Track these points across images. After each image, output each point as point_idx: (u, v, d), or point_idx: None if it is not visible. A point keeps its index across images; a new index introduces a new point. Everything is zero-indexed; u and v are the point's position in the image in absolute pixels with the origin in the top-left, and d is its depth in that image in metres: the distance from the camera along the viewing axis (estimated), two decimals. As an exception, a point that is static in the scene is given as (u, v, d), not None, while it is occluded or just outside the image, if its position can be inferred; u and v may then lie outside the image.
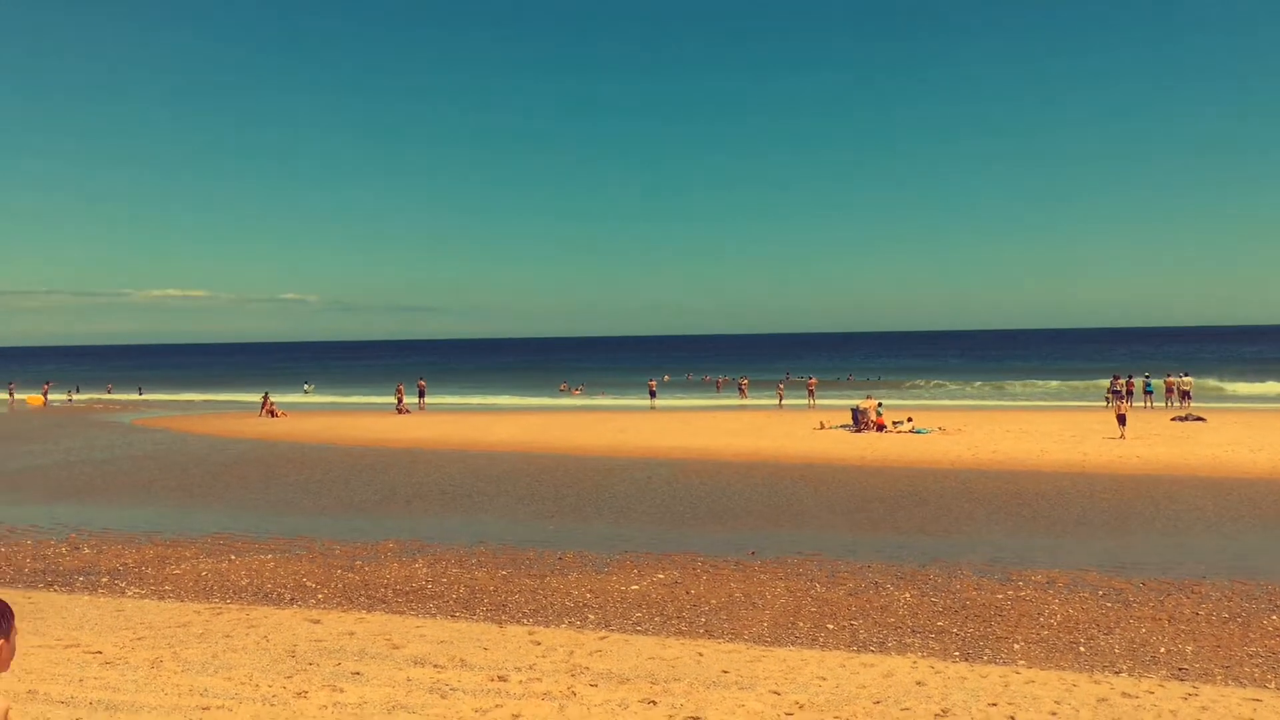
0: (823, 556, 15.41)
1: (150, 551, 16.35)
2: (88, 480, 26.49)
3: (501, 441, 34.95)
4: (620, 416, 46.25)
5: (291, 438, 38.29)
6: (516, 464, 28.77)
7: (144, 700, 7.98)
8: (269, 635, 10.63)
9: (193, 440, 38.60)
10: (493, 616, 11.94)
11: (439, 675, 8.88)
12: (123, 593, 13.49)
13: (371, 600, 12.89)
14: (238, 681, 8.65)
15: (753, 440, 33.21)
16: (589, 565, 14.98)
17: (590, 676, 8.85)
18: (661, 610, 12.11)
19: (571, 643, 10.39)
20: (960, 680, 8.89)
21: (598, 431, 37.77)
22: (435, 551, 16.17)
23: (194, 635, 10.63)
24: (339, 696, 8.13)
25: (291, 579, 14.23)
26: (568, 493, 23.02)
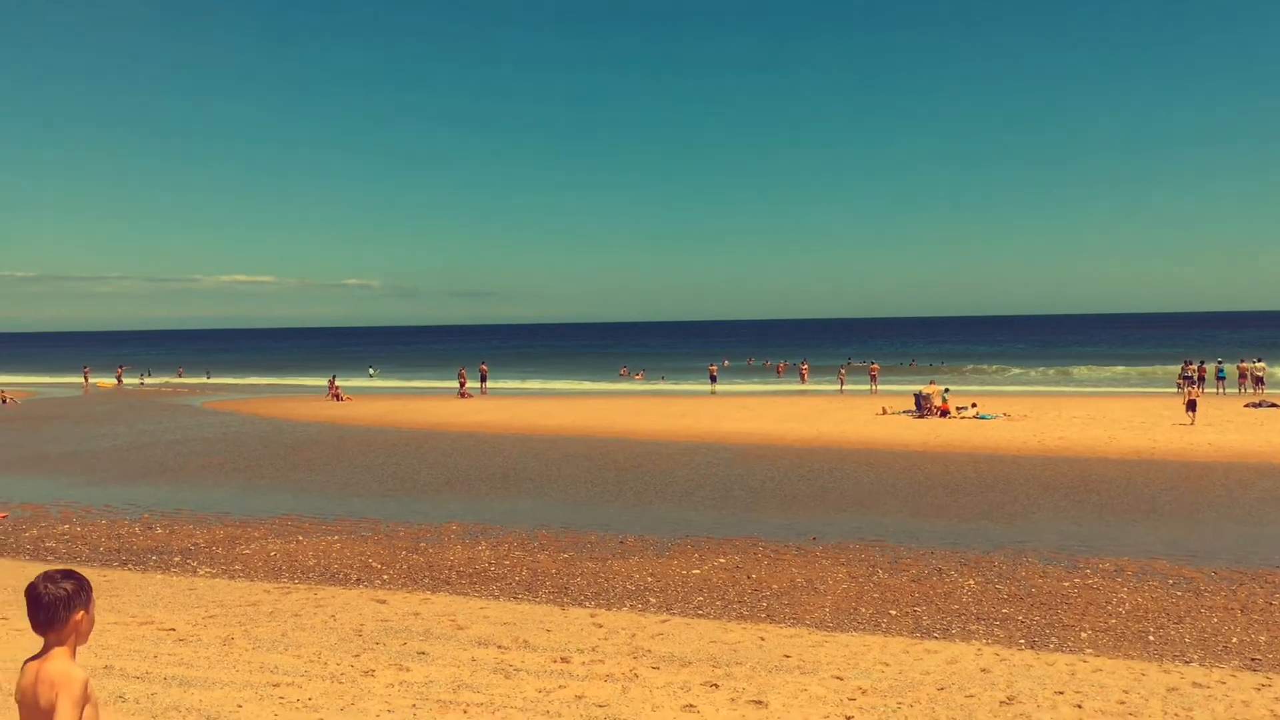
0: (885, 542, 15.30)
1: (220, 532, 16.69)
2: (160, 462, 27.11)
3: (563, 426, 35.13)
4: (681, 401, 46.26)
5: (356, 421, 38.83)
6: (578, 448, 28.91)
7: (216, 676, 8.16)
8: (336, 615, 10.81)
9: (261, 423, 39.31)
10: (555, 599, 12.02)
11: (503, 656, 8.97)
12: (194, 572, 13.79)
13: (436, 581, 13.05)
14: (306, 659, 8.81)
15: (814, 425, 33.04)
16: (650, 549, 15.02)
17: (652, 659, 8.88)
18: (723, 595, 12.11)
19: (633, 625, 10.43)
20: (1026, 668, 8.78)
21: (658, 416, 37.82)
22: (498, 534, 16.32)
23: (264, 614, 10.84)
24: (405, 675, 8.25)
25: (357, 560, 14.45)
26: (629, 477, 23.09)
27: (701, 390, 56.81)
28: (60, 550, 15.37)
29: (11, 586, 12.34)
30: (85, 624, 3.53)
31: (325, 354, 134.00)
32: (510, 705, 7.41)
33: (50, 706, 3.34)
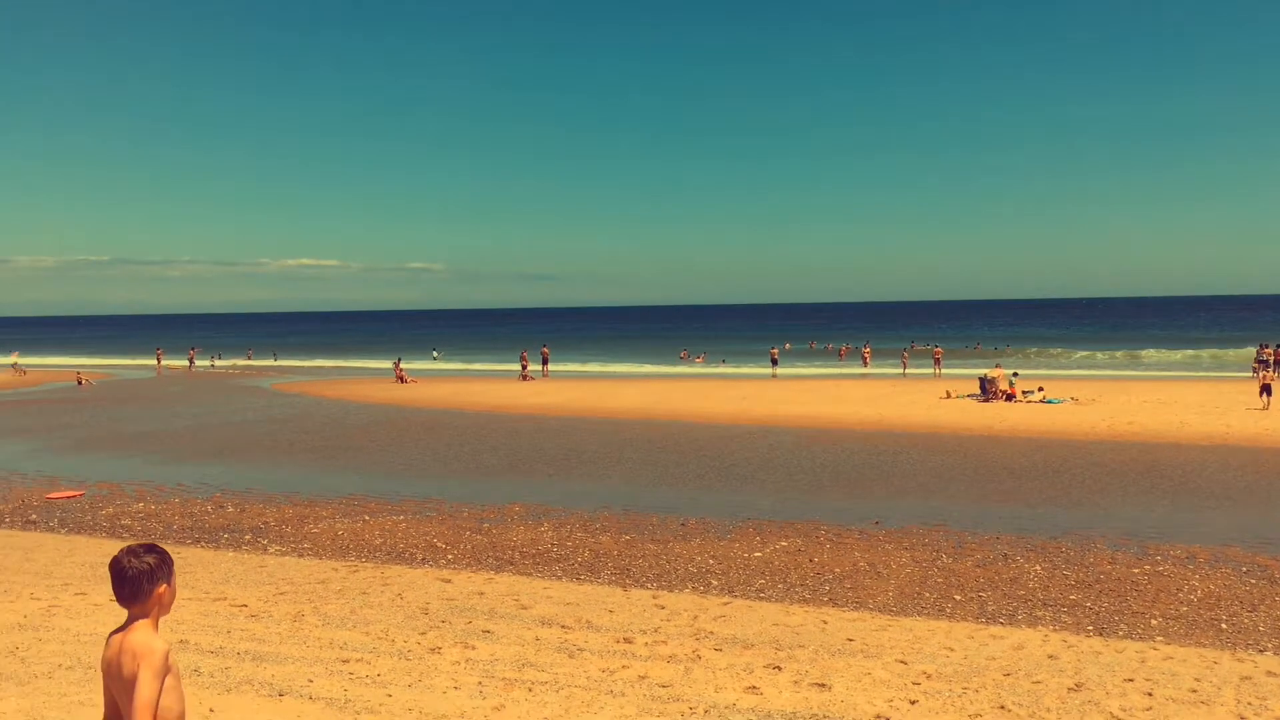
0: (949, 527, 15.16)
1: (290, 511, 17.01)
2: (231, 442, 27.67)
3: (624, 408, 35.23)
4: (742, 384, 46.15)
5: (420, 403, 39.28)
6: (638, 430, 28.99)
7: (288, 652, 8.34)
8: (403, 593, 10.98)
9: (328, 404, 39.94)
10: (617, 580, 12.09)
11: (566, 636, 9.06)
12: (265, 550, 14.07)
13: (499, 562, 13.18)
14: (375, 636, 8.96)
15: (876, 409, 32.78)
16: (711, 531, 15.04)
17: (715, 641, 8.90)
18: (785, 578, 12.10)
19: (695, 607, 10.46)
20: (1095, 654, 8.67)
21: (719, 399, 37.77)
22: (560, 515, 16.44)
23: (332, 591, 11.05)
24: (471, 653, 8.36)
25: (423, 540, 14.65)
26: (689, 459, 23.11)
27: (763, 373, 56.59)
28: (135, 528, 15.77)
29: (89, 563, 12.70)
30: (167, 596, 3.63)
31: (389, 337, 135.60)
32: (574, 684, 7.48)
33: (133, 677, 3.44)
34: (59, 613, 9.63)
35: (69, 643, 8.50)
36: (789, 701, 7.12)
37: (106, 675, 3.60)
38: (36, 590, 10.72)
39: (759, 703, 7.08)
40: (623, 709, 6.90)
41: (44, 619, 9.35)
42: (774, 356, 60.54)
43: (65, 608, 9.85)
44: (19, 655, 8.04)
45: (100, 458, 24.74)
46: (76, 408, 40.18)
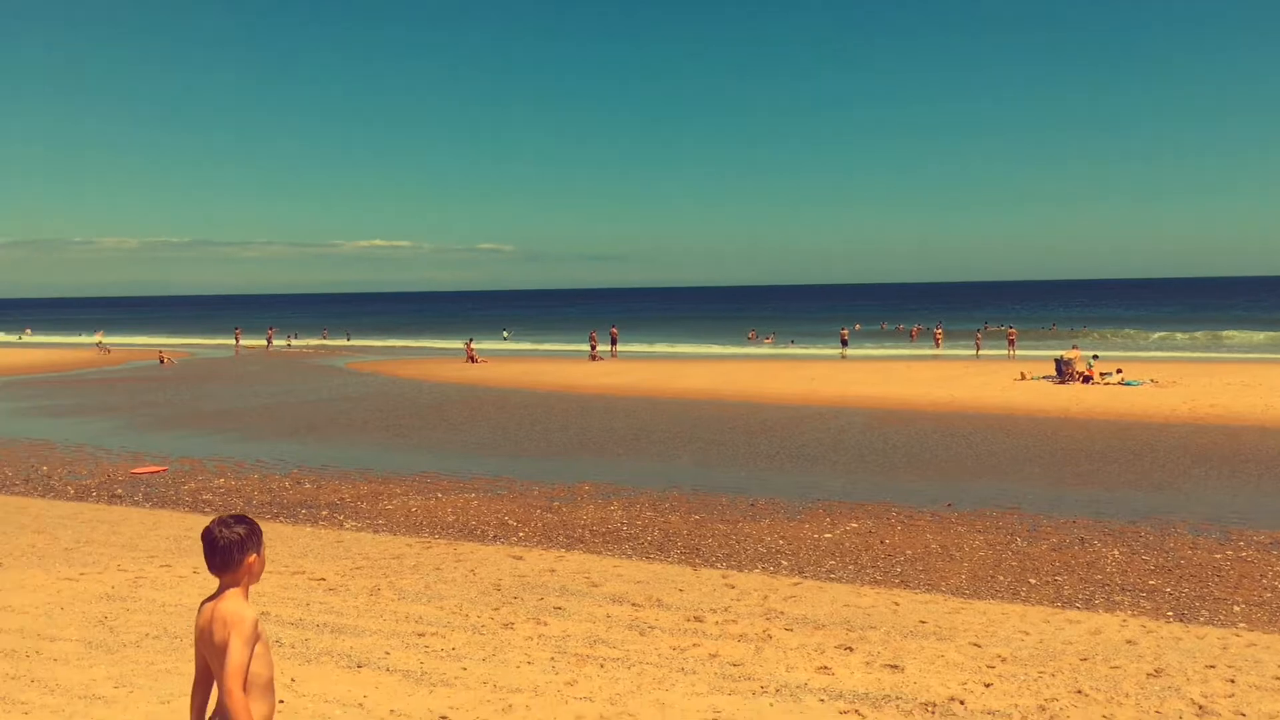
0: (1023, 510, 14.95)
1: (365, 488, 17.31)
2: (307, 420, 28.21)
3: (692, 389, 35.23)
4: (810, 365, 45.85)
5: (491, 383, 39.66)
6: (707, 411, 28.98)
7: (365, 625, 8.51)
8: (475, 569, 11.13)
9: (401, 383, 40.51)
10: (687, 559, 12.12)
11: (637, 613, 9.11)
12: (341, 525, 14.34)
13: (570, 540, 13.29)
14: (449, 611, 9.10)
15: (948, 390, 32.37)
16: (781, 512, 15.00)
17: (785, 621, 8.90)
18: (855, 559, 12.03)
19: (765, 587, 10.45)
20: (1174, 640, 8.50)
21: (788, 380, 37.59)
22: (629, 495, 16.51)
23: (407, 567, 11.23)
24: (543, 629, 8.45)
25: (494, 517, 14.81)
26: (758, 440, 23.05)
27: (831, 354, 56.18)
28: (216, 503, 16.16)
29: (173, 536, 13.06)
30: (257, 566, 3.73)
31: (460, 317, 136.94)
32: (645, 661, 7.53)
33: (224, 643, 3.55)
34: (145, 584, 9.91)
35: (155, 613, 8.76)
36: (861, 682, 7.09)
37: (199, 640, 3.71)
38: (123, 562, 11.04)
39: (831, 683, 7.06)
40: (694, 686, 6.93)
41: (131, 590, 9.64)
42: (843, 337, 60.06)
43: (151, 579, 10.14)
44: (108, 624, 8.30)
45: (182, 434, 25.37)
46: (159, 386, 41.24)
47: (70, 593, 9.42)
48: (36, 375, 47.69)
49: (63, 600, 9.11)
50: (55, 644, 7.65)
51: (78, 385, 42.03)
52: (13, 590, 9.43)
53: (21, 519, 14.22)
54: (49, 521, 14.07)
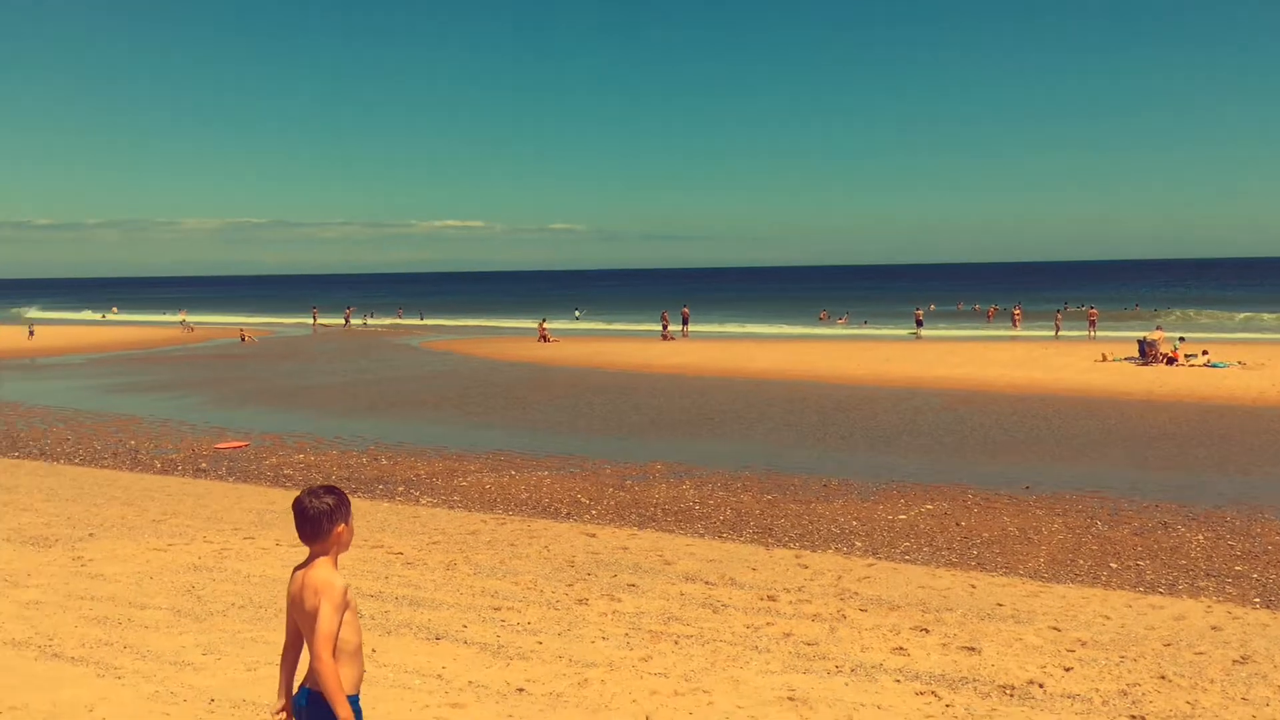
0: (1104, 494, 14.66)
1: (439, 465, 17.54)
2: (384, 397, 28.66)
3: (764, 369, 35.09)
4: (884, 346, 45.37)
5: (563, 362, 39.89)
6: (779, 391, 28.85)
7: (442, 598, 8.64)
8: (549, 546, 11.23)
9: (474, 363, 40.94)
10: (759, 539, 12.11)
11: (710, 592, 9.13)
12: (417, 501, 14.56)
13: (642, 518, 13.35)
14: (524, 586, 9.20)
15: (1027, 372, 31.82)
16: (854, 493, 14.90)
17: (860, 601, 8.85)
18: (930, 541, 11.92)
19: (839, 568, 10.40)
20: (1261, 627, 8.29)
21: (861, 360, 37.25)
22: (701, 474, 16.52)
23: (482, 542, 11.37)
24: (617, 606, 8.51)
25: (567, 495, 14.93)
26: (831, 420, 22.90)
27: (906, 335, 55.52)
28: (296, 478, 16.50)
29: (256, 509, 13.37)
30: (346, 535, 3.81)
31: (531, 297, 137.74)
32: (719, 639, 7.54)
33: (314, 610, 3.63)
34: (230, 555, 10.17)
35: (240, 583, 8.99)
36: (937, 664, 7.03)
37: (290, 606, 3.80)
38: (209, 534, 11.34)
39: (906, 663, 7.02)
40: (768, 664, 6.93)
41: (216, 560, 9.90)
42: (918, 318, 59.30)
43: (235, 551, 10.40)
44: (195, 594, 8.53)
45: (263, 410, 25.94)
46: (240, 363, 42.18)
47: (159, 563, 9.70)
48: (124, 352, 49.07)
49: (152, 570, 9.38)
50: (146, 611, 7.88)
51: (163, 362, 43.17)
52: (105, 560, 9.73)
53: (111, 491, 14.66)
54: (137, 494, 14.49)
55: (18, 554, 9.86)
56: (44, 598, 8.19)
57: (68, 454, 18.83)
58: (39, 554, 9.90)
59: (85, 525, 11.62)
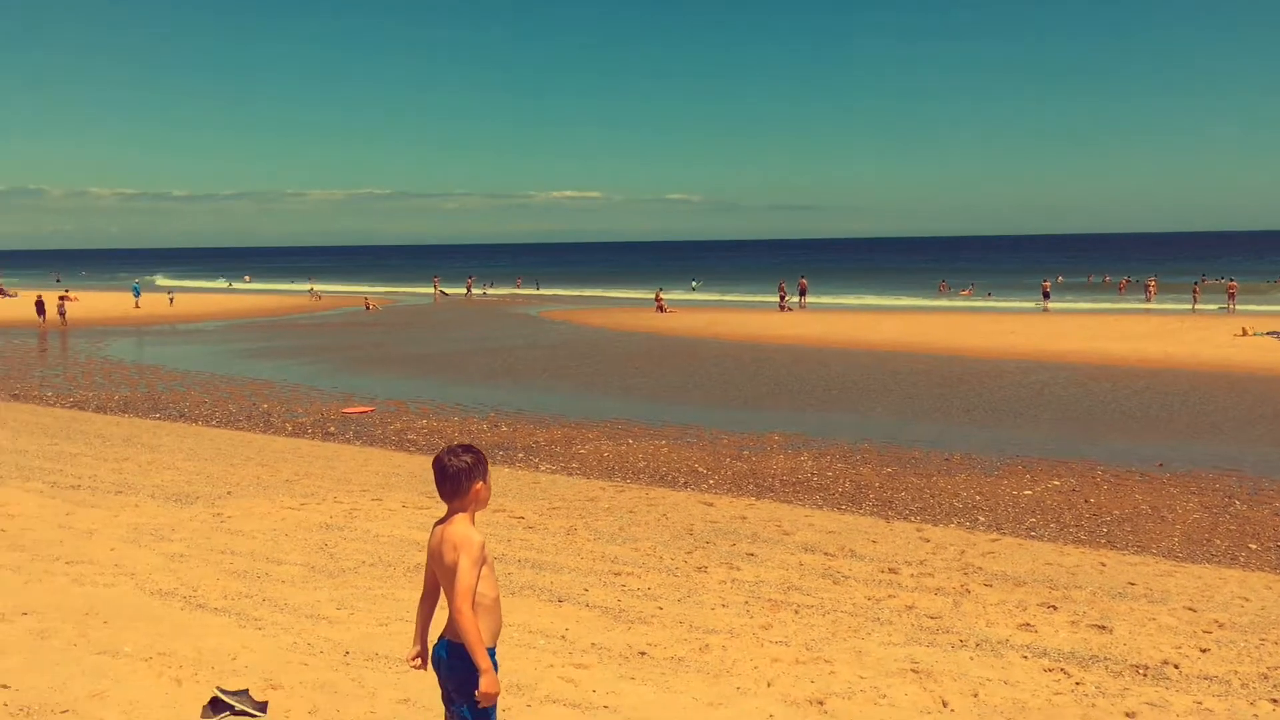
0: (1243, 472, 14.07)
1: (558, 432, 17.77)
2: (503, 365, 29.14)
3: (883, 341, 34.56)
4: (1009, 319, 44.20)
5: (679, 332, 39.93)
6: (899, 363, 28.39)
7: (563, 562, 8.77)
8: (667, 514, 11.29)
9: (591, 332, 41.30)
10: (879, 512, 11.97)
11: (830, 562, 9.06)
12: (536, 467, 14.79)
13: (760, 488, 13.31)
14: (643, 552, 9.28)
15: (1160, 346, 30.65)
16: (977, 467, 14.60)
17: (984, 576, 8.68)
18: (1058, 517, 11.61)
19: (962, 542, 10.22)
20: None
21: (984, 333, 36.39)
22: (819, 446, 16.38)
23: (601, 509, 11.49)
24: (735, 574, 8.51)
25: (684, 464, 14.97)
26: (953, 393, 22.45)
27: (1032, 308, 53.97)
28: (420, 442, 16.91)
29: (382, 472, 13.76)
30: (484, 492, 3.91)
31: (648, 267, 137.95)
32: (840, 610, 7.49)
33: (453, 564, 3.74)
34: (359, 515, 10.49)
35: (369, 542, 9.26)
36: (1066, 641, 6.86)
37: (430, 559, 3.92)
38: (339, 494, 11.71)
39: (1034, 640, 6.86)
40: (890, 636, 6.86)
41: (346, 520, 10.22)
42: (1045, 290, 57.57)
43: (364, 511, 10.72)
44: (328, 551, 8.83)
45: (387, 377, 26.63)
46: (365, 330, 43.36)
47: (293, 521, 10.06)
48: (256, 319, 50.90)
49: (286, 528, 9.74)
50: (282, 567, 8.19)
51: (292, 329, 44.65)
52: (242, 517, 10.14)
53: (247, 452, 15.25)
54: (270, 455, 15.04)
55: (162, 509, 10.34)
56: (187, 551, 8.58)
57: (205, 416, 19.64)
58: (182, 510, 10.37)
59: (223, 484, 12.12)
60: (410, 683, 5.71)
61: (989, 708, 5.59)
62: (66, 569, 7.76)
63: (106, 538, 8.90)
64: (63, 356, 32.90)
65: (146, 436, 16.47)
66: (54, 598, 7.02)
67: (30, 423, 17.48)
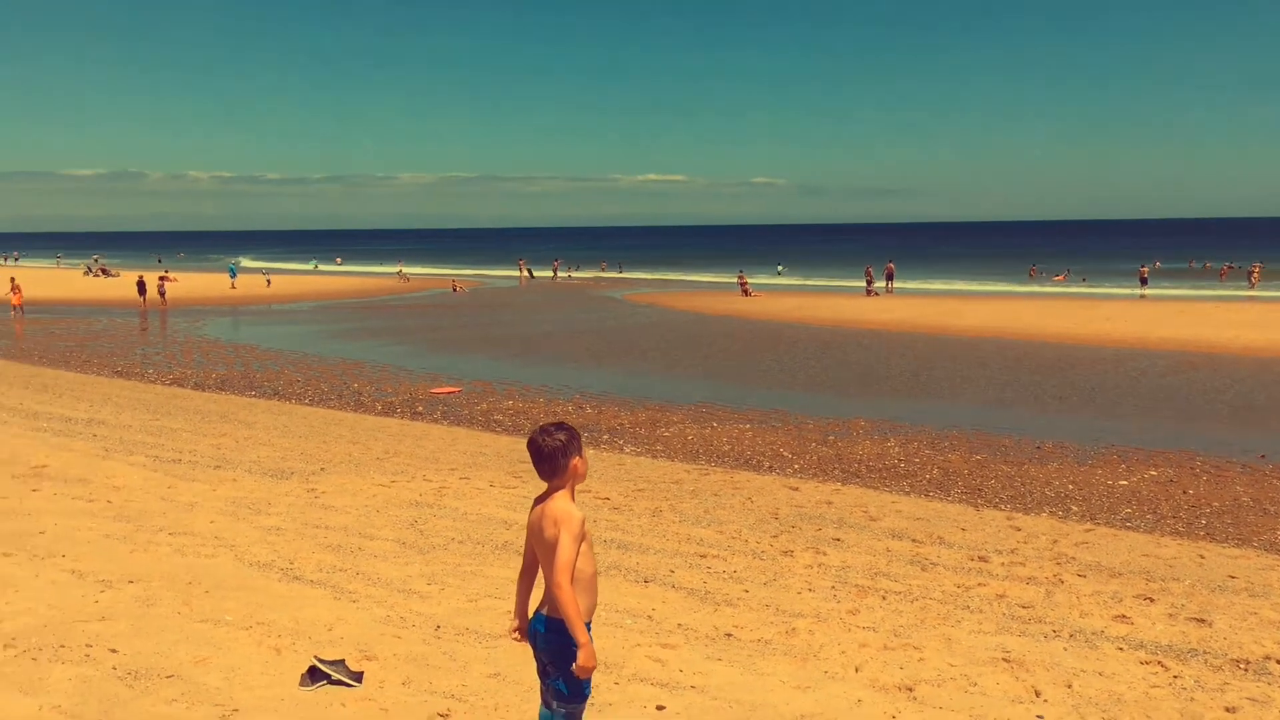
0: (1353, 466, 13.56)
1: (642, 415, 17.82)
2: (588, 347, 29.31)
3: (972, 326, 33.98)
4: (1103, 305, 43.09)
5: (764, 316, 39.72)
6: (988, 350, 27.89)
7: (649, 543, 8.80)
8: (752, 498, 11.26)
9: (675, 315, 41.30)
10: (968, 499, 11.79)
11: (918, 549, 8.96)
12: (621, 449, 14.85)
13: (845, 474, 13.21)
14: (728, 535, 9.27)
15: (1265, 333, 29.61)
16: (1070, 456, 14.30)
17: (1077, 566, 8.50)
18: (1154, 508, 11.32)
19: (1054, 531, 10.02)
20: None
21: (1078, 319, 35.53)
22: (906, 432, 16.19)
23: (686, 491, 11.51)
24: (822, 559, 8.46)
25: (769, 448, 14.92)
26: (1045, 381, 21.99)
27: (1128, 294, 52.53)
28: (506, 423, 17.10)
29: (470, 451, 13.95)
30: (581, 467, 3.94)
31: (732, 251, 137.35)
32: (929, 596, 7.41)
33: (554, 539, 3.78)
34: (448, 493, 10.66)
35: (458, 520, 9.41)
36: (1164, 634, 6.70)
37: (530, 535, 3.97)
38: (428, 473, 11.91)
39: (1130, 632, 6.71)
40: (980, 624, 6.77)
41: (435, 498, 10.39)
42: (1142, 275, 55.98)
43: (453, 489, 10.89)
44: (418, 528, 8.99)
45: (474, 358, 26.96)
46: (452, 312, 43.95)
47: (384, 497, 10.26)
48: (347, 300, 51.91)
49: (377, 504, 9.93)
50: (374, 542, 8.36)
51: (381, 310, 45.43)
52: (335, 492, 10.37)
53: (338, 430, 15.58)
54: (361, 433, 15.35)
55: (259, 484, 10.62)
56: (283, 524, 8.81)
57: (298, 394, 20.10)
58: (277, 485, 10.64)
59: (317, 460, 12.40)
60: (500, 657, 5.80)
61: (1084, 699, 5.48)
62: (169, 540, 8.02)
63: (206, 510, 9.18)
64: (162, 335, 33.96)
65: (242, 413, 16.92)
66: (158, 567, 7.26)
67: (133, 399, 18.07)
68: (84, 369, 23.68)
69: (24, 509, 8.75)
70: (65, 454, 11.47)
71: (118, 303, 47.33)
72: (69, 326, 35.75)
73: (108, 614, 6.23)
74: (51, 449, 11.76)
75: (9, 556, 7.29)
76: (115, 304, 46.88)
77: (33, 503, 9.01)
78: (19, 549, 7.49)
